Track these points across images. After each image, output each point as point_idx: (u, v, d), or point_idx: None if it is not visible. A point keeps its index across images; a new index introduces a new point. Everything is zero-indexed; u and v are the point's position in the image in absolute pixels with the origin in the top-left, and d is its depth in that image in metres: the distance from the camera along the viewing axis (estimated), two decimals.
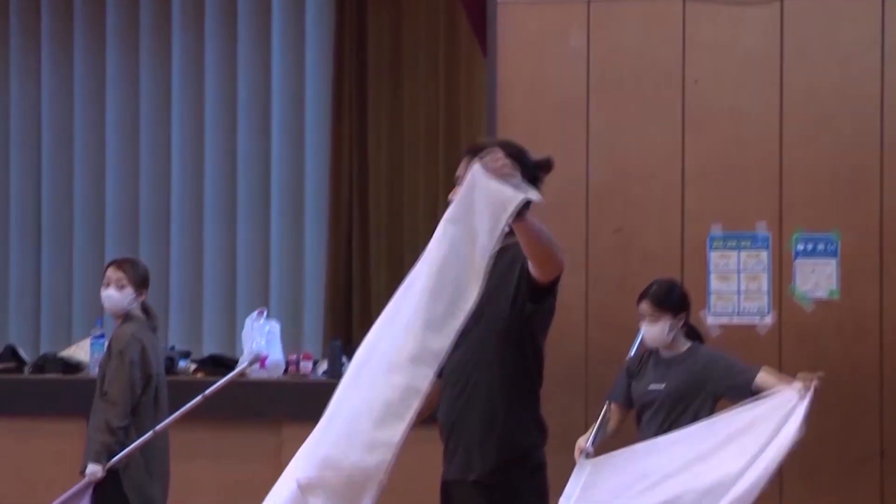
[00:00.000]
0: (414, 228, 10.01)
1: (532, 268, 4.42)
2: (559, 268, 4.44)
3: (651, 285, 6.45)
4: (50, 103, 10.92)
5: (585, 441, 6.20)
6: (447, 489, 4.60)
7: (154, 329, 6.85)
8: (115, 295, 6.72)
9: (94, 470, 6.47)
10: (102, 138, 10.81)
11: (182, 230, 10.67)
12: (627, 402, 6.49)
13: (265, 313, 8.71)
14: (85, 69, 10.86)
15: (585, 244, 7.40)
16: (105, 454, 6.48)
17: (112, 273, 6.76)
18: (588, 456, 6.15)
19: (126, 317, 6.74)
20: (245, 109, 10.58)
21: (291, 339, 9.06)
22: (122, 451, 6.46)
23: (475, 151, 4.40)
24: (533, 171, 4.44)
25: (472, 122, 9.78)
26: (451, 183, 4.55)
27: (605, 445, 6.22)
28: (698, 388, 6.25)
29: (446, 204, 4.38)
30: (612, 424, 6.43)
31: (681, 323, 6.40)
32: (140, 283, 6.77)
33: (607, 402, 6.45)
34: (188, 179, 10.68)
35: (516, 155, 4.39)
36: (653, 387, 6.34)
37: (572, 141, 7.34)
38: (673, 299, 6.39)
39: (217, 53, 10.64)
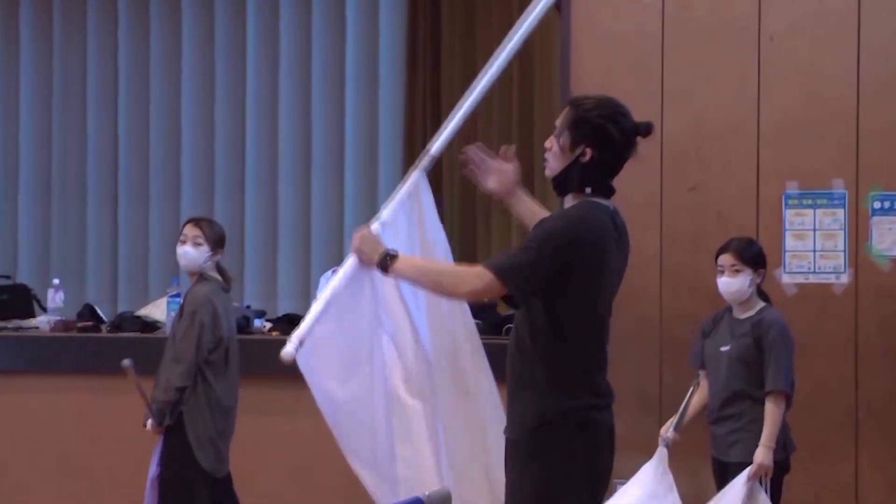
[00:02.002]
0: None
1: None
2: (463, 296, 4.77)
3: (731, 240, 6.46)
4: (126, 63, 11.01)
5: (667, 429, 6.19)
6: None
7: (227, 290, 6.90)
8: (191, 252, 6.79)
9: (152, 425, 6.65)
10: (178, 97, 10.89)
11: (257, 189, 10.72)
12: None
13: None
14: (161, 28, 10.93)
15: (660, 203, 7.37)
16: (166, 413, 6.60)
17: (189, 230, 6.83)
18: (667, 444, 6.14)
19: (200, 277, 6.80)
20: (319, 66, 10.61)
21: None
22: (179, 409, 6.60)
23: (576, 104, 4.52)
24: (627, 135, 4.46)
25: (545, 78, 9.72)
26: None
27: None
28: (757, 351, 6.21)
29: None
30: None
31: (759, 279, 6.39)
32: (216, 242, 6.82)
33: (697, 375, 6.41)
34: (263, 138, 10.74)
35: (607, 117, 4.45)
36: (722, 348, 6.31)
37: (647, 99, 7.28)
38: (755, 253, 6.41)
39: (291, 9, 10.67)
